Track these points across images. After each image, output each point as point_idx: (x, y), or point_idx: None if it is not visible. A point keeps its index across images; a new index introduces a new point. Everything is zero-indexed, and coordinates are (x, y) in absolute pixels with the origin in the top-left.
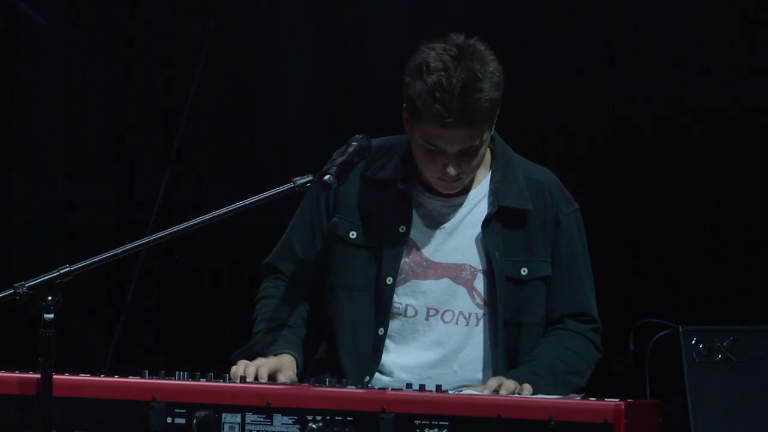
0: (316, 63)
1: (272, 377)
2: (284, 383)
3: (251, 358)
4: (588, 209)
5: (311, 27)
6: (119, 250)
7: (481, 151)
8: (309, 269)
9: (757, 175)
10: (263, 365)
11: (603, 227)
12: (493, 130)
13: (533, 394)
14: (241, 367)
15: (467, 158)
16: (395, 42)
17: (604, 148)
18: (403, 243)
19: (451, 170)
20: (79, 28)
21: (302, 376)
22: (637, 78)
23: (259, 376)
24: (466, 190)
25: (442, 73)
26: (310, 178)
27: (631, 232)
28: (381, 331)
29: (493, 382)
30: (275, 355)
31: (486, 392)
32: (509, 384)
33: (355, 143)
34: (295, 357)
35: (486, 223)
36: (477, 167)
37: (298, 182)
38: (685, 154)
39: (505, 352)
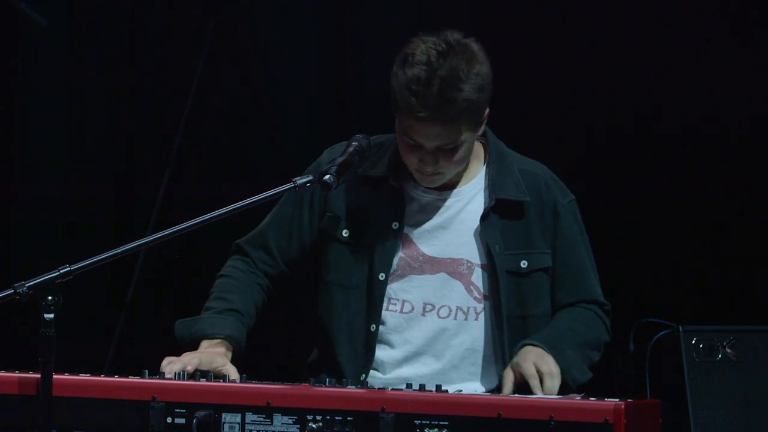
0: (316, 63)
1: (215, 373)
2: (233, 380)
3: (190, 337)
4: (588, 209)
5: (311, 27)
6: (119, 250)
7: (462, 149)
8: (278, 265)
9: (758, 175)
10: (190, 364)
11: (603, 227)
12: (480, 130)
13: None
14: (165, 364)
15: (445, 155)
16: (395, 42)
17: (605, 148)
18: (396, 239)
19: (428, 167)
20: (79, 28)
21: (300, 377)
22: (639, 76)
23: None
24: (460, 185)
25: (424, 67)
26: (310, 178)
27: (631, 232)
28: (373, 327)
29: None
30: (214, 338)
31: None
32: (549, 385)
33: (355, 143)
34: (233, 345)
35: (484, 217)
36: (459, 165)
37: (298, 182)
38: (686, 153)
39: (511, 347)
